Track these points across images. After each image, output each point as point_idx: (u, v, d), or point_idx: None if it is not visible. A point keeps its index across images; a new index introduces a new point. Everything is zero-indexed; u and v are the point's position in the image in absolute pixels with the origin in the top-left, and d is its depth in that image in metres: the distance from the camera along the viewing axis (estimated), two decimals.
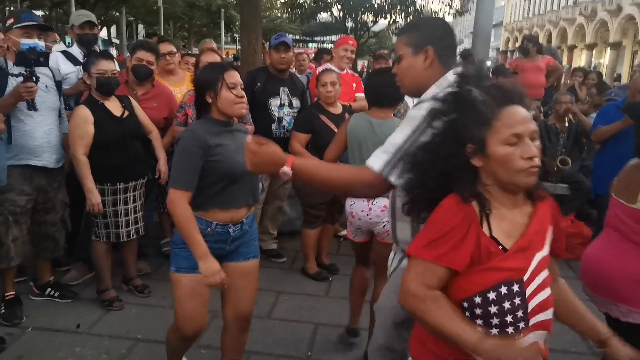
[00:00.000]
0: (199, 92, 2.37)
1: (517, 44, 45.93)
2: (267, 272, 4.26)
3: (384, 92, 3.02)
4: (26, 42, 3.08)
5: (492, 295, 1.39)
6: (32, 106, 3.14)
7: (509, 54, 38.74)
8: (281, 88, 4.24)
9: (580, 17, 38.13)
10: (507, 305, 1.39)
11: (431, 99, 1.68)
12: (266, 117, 4.18)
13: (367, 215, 2.95)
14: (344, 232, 4.83)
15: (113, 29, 33.96)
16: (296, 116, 4.21)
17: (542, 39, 36.67)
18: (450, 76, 1.78)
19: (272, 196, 4.45)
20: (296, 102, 4.29)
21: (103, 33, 28.94)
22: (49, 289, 3.59)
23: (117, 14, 28.39)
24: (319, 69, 4.72)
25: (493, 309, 1.39)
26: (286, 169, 1.71)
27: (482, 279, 1.40)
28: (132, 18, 33.94)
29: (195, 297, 2.34)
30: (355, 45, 4.90)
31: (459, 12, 24.71)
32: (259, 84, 4.21)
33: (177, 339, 2.47)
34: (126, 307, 3.55)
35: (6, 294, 3.35)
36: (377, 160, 1.72)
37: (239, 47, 10.05)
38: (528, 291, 1.42)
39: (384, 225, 2.88)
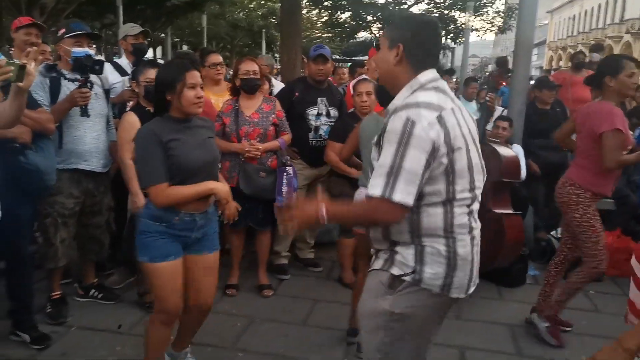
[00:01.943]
0: (158, 90, 2.47)
1: (561, 63, 45.21)
2: (304, 281, 4.30)
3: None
4: (77, 50, 3.24)
5: None
6: (85, 112, 3.29)
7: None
8: (319, 98, 4.31)
9: (627, 35, 37.19)
10: None
11: (404, 106, 1.76)
12: (303, 126, 4.26)
13: None
14: None
15: (158, 49, 35.07)
16: (332, 125, 4.25)
17: (588, 58, 35.85)
18: (422, 77, 1.84)
19: None
20: (334, 112, 4.34)
21: (149, 54, 29.88)
22: (93, 291, 3.71)
23: (163, 35, 29.31)
24: (353, 81, 4.76)
25: None
26: (323, 216, 1.78)
27: None
28: (177, 39, 34.97)
29: (173, 281, 2.49)
30: None
31: (501, 30, 24.48)
32: (297, 93, 4.30)
33: (160, 324, 2.57)
34: None
35: (52, 294, 3.48)
36: (375, 187, 1.72)
37: (277, 66, 10.24)
38: None
39: None
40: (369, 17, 23.81)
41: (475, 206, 1.89)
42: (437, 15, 22.64)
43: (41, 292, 3.46)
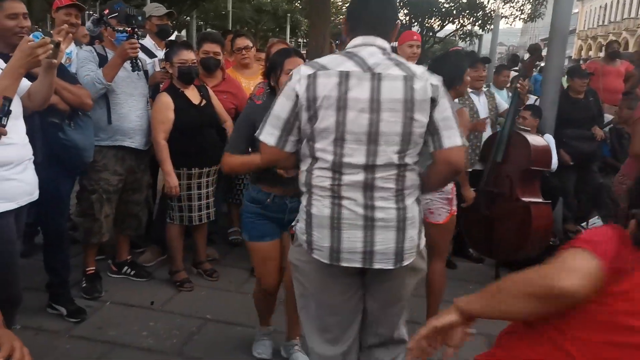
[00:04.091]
0: (269, 76, 2.58)
1: (591, 52, 44.21)
2: None
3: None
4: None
5: None
6: (136, 66, 3.32)
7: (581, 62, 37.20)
8: None
9: None
10: None
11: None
12: None
13: None
14: None
15: (183, 32, 35.17)
16: None
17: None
18: (350, 44, 1.93)
19: None
20: None
21: (173, 37, 29.99)
22: (126, 267, 3.79)
23: (188, 18, 29.38)
24: None
25: None
26: None
27: None
28: (202, 23, 35.03)
29: (268, 261, 2.66)
30: (420, 40, 4.87)
31: (531, 18, 24.02)
32: None
33: (261, 293, 2.80)
34: (196, 288, 3.69)
35: (87, 269, 3.56)
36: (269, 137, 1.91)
37: (303, 51, 10.22)
38: None
39: (427, 203, 2.99)
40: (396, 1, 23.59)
41: (353, 178, 1.83)
42: (465, 1, 22.29)
43: (76, 267, 3.54)
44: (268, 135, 1.90)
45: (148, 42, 4.30)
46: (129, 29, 3.24)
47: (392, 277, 1.96)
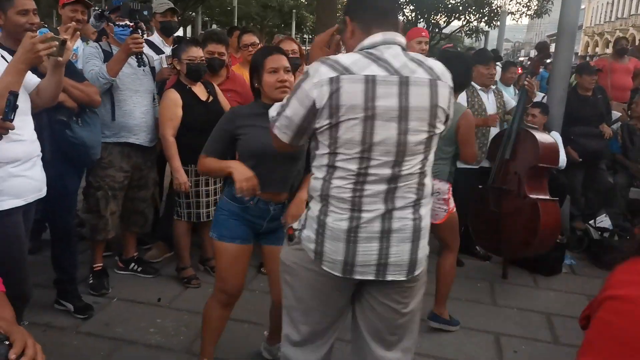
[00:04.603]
0: (251, 77, 2.48)
1: (597, 49, 43.93)
2: None
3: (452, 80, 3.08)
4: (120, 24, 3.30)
5: None
6: (141, 62, 3.32)
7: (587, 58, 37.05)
8: None
9: None
10: None
11: (321, 60, 1.73)
12: None
13: None
14: None
15: (189, 28, 35.17)
16: None
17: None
18: (366, 41, 1.75)
19: None
20: None
21: (179, 32, 29.97)
22: (133, 264, 3.79)
23: (193, 14, 29.37)
24: None
25: None
26: None
27: None
28: (207, 18, 35.02)
29: (235, 264, 2.48)
30: (428, 37, 4.85)
31: (537, 14, 23.88)
32: None
33: (217, 304, 2.58)
34: (203, 285, 3.69)
35: (94, 266, 3.57)
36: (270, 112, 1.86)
37: (308, 47, 10.20)
38: None
39: None
40: None
41: (375, 189, 1.74)
42: None
43: (83, 264, 3.55)
44: (281, 132, 1.81)
45: (156, 38, 4.30)
46: (131, 23, 3.22)
47: (400, 286, 1.87)
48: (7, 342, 1.26)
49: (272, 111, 1.85)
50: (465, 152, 3.17)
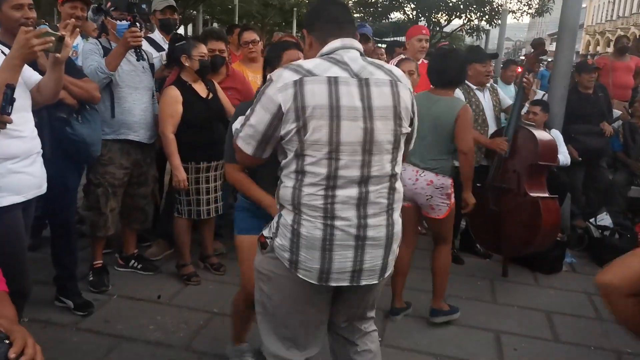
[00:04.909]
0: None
1: (599, 48, 43.85)
2: None
3: (447, 76, 3.20)
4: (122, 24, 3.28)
5: None
6: (140, 56, 3.31)
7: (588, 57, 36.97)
8: None
9: None
10: None
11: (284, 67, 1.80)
12: None
13: (413, 184, 3.15)
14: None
15: (189, 27, 35.13)
16: None
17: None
18: (325, 48, 1.83)
19: None
20: None
21: (180, 31, 29.96)
22: (133, 261, 3.79)
23: (194, 12, 29.34)
24: (393, 60, 4.69)
25: None
26: None
27: None
28: (208, 17, 34.98)
29: (252, 256, 2.37)
30: (428, 34, 4.85)
31: (538, 13, 23.84)
32: None
33: (243, 301, 2.52)
34: (203, 282, 3.70)
35: (94, 263, 3.57)
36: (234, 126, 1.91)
37: None
38: None
39: (427, 199, 3.13)
40: None
41: (347, 194, 1.75)
42: None
43: (84, 260, 3.55)
44: (245, 143, 1.82)
45: (157, 35, 4.30)
46: (129, 17, 3.21)
47: (372, 286, 1.95)
48: (7, 341, 1.26)
49: (236, 124, 1.87)
50: (461, 141, 3.09)
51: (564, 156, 4.58)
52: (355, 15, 31.18)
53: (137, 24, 3.21)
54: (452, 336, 3.23)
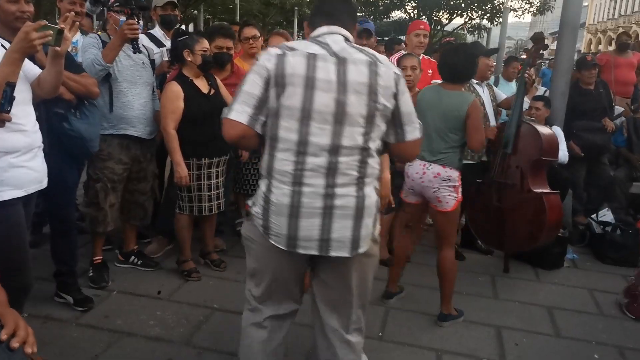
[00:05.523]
0: None
1: (600, 46, 43.79)
2: None
3: (457, 70, 3.20)
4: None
5: None
6: (137, 49, 3.29)
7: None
8: None
9: None
10: None
11: None
12: None
13: (420, 178, 3.15)
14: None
15: (191, 26, 35.16)
16: None
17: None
18: (312, 34, 1.99)
19: None
20: None
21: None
22: (133, 257, 3.79)
23: (195, 12, 29.35)
24: (393, 57, 4.68)
25: None
26: None
27: None
28: (209, 16, 35.00)
29: None
30: (428, 29, 4.84)
31: (540, 11, 23.80)
32: None
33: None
34: (203, 278, 3.69)
35: (94, 259, 3.56)
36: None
37: None
38: None
39: (434, 192, 3.12)
40: None
41: (316, 161, 1.84)
42: None
43: (83, 256, 3.55)
44: (239, 113, 1.87)
45: (157, 31, 4.29)
46: (127, 9, 3.20)
47: (346, 262, 1.97)
48: None
49: (226, 109, 1.94)
50: (474, 140, 3.12)
51: (562, 153, 4.56)
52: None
53: (134, 17, 3.20)
54: (453, 331, 3.21)
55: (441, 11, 23.62)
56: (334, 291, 2.06)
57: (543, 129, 4.09)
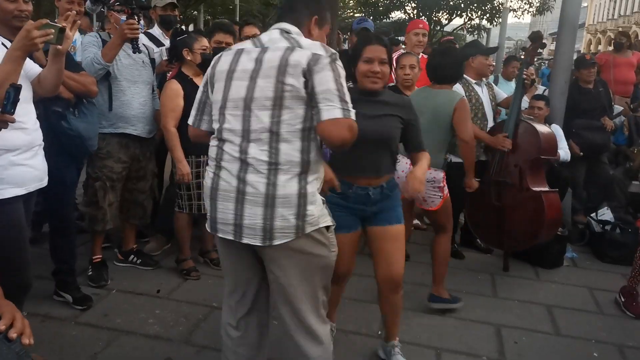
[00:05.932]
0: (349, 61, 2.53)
1: (600, 47, 43.82)
2: None
3: (444, 73, 3.28)
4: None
5: None
6: (136, 48, 3.29)
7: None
8: None
9: None
10: None
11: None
12: None
13: (406, 175, 3.08)
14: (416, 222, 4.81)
15: (190, 27, 35.16)
16: None
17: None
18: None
19: None
20: None
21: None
22: (132, 256, 3.79)
23: (195, 12, 29.36)
24: (394, 55, 4.68)
25: None
26: None
27: None
28: (209, 17, 35.02)
29: (342, 252, 2.32)
30: (427, 28, 4.85)
31: (539, 11, 23.79)
32: None
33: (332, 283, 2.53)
34: (203, 277, 3.69)
35: (94, 257, 3.56)
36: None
37: None
38: None
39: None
40: None
41: (231, 147, 1.90)
42: None
43: (83, 255, 3.55)
44: (191, 117, 2.11)
45: (156, 31, 4.30)
46: (127, 9, 3.20)
47: (280, 256, 1.92)
48: None
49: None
50: (462, 131, 3.18)
51: (564, 152, 4.57)
52: (356, 15, 31.22)
53: (135, 16, 3.20)
54: (452, 330, 3.21)
55: (441, 11, 23.60)
56: (274, 284, 2.01)
57: (542, 128, 4.09)
